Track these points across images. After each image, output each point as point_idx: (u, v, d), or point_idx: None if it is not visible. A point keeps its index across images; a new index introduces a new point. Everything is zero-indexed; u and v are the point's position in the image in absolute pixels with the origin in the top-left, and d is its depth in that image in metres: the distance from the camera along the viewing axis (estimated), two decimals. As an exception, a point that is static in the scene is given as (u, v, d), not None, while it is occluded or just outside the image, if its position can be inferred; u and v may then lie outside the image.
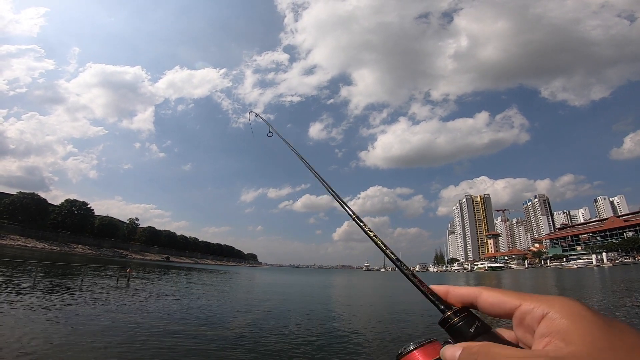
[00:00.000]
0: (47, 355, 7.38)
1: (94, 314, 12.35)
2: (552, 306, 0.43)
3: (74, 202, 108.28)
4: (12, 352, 7.37)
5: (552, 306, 0.43)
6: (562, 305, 0.43)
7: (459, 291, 0.58)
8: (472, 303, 0.56)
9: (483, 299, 0.54)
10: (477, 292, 0.56)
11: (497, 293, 0.53)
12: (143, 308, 14.87)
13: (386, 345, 10.16)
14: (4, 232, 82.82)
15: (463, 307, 0.56)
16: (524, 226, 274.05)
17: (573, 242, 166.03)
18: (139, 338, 9.34)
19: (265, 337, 10.47)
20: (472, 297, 0.56)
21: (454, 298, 0.58)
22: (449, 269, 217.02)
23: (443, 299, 0.59)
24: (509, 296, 0.51)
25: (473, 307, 0.56)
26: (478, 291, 0.56)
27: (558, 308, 0.43)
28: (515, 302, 0.49)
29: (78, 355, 7.62)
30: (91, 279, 25.15)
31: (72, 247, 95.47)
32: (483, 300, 0.54)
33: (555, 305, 0.43)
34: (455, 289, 0.59)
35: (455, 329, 0.54)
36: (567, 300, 0.44)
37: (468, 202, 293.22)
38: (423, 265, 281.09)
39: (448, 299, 0.59)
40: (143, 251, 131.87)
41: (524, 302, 0.47)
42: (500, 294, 0.52)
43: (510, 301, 0.49)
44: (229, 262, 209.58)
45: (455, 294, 0.58)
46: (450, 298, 0.59)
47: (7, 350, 7.50)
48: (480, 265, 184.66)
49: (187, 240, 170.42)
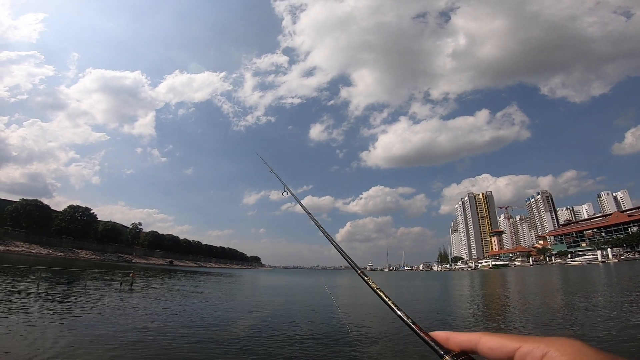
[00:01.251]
0: (51, 359, 7.32)
1: (97, 318, 12.30)
2: (552, 346, 0.44)
3: (76, 208, 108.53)
4: (18, 357, 7.32)
5: (551, 346, 0.45)
6: (560, 345, 0.44)
7: (460, 337, 0.59)
8: (472, 349, 0.56)
9: (483, 343, 0.55)
10: (477, 337, 0.56)
11: (496, 337, 0.54)
12: (146, 312, 14.81)
13: (391, 345, 10.04)
14: (8, 239, 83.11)
15: (462, 352, 0.57)
16: (527, 223, 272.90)
17: (577, 238, 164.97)
18: (142, 342, 9.28)
19: (269, 339, 10.38)
20: (473, 343, 0.56)
21: (454, 344, 0.59)
22: (453, 267, 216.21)
23: (443, 345, 0.60)
24: (509, 339, 0.51)
25: (474, 352, 0.57)
26: (478, 336, 0.56)
27: (557, 347, 0.44)
28: (515, 345, 0.49)
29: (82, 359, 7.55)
30: (95, 283, 25.14)
31: (77, 253, 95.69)
32: (483, 344, 0.55)
33: (554, 344, 0.44)
34: (455, 335, 0.60)
35: None
36: (567, 340, 0.45)
37: (470, 200, 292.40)
38: (427, 264, 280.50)
39: (449, 345, 0.59)
40: (147, 255, 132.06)
41: (524, 344, 0.48)
42: (500, 337, 0.53)
43: (511, 344, 0.50)
44: (232, 265, 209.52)
45: (456, 340, 0.59)
46: (450, 344, 0.60)
47: (13, 355, 7.46)
48: (485, 263, 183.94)
49: (190, 243, 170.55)
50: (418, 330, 0.65)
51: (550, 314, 15.64)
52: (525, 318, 14.68)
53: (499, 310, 18.39)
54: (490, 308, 19.89)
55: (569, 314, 15.27)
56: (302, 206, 2.15)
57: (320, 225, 1.68)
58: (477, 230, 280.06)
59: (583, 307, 16.94)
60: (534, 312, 16.39)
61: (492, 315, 16.99)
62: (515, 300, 22.67)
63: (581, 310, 16.02)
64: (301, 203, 2.25)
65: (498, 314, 17.22)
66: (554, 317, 14.64)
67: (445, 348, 0.59)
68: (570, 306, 17.93)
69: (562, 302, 20.14)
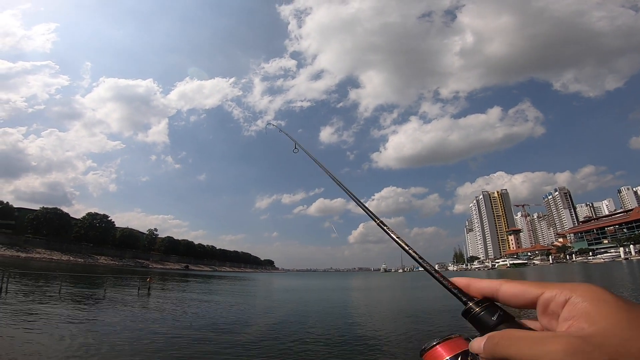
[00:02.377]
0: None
1: (117, 322, 12.46)
2: (575, 291, 0.45)
3: (95, 216, 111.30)
4: (43, 358, 7.46)
5: (574, 291, 0.45)
6: (584, 290, 0.44)
7: (480, 284, 0.59)
8: (494, 295, 0.56)
9: (504, 289, 0.55)
10: (498, 284, 0.56)
11: (518, 284, 0.54)
12: (164, 316, 14.96)
13: (410, 343, 9.84)
14: (29, 246, 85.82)
15: (484, 298, 0.58)
16: (545, 221, 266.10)
17: (599, 235, 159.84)
18: (159, 345, 9.35)
19: (284, 342, 10.31)
20: (494, 289, 0.56)
21: (475, 290, 0.60)
22: (469, 267, 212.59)
23: (465, 291, 0.61)
24: (531, 285, 0.51)
25: (495, 299, 0.57)
26: (499, 283, 0.56)
27: (580, 293, 0.44)
28: (537, 291, 0.49)
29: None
30: (114, 288, 25.62)
31: (96, 259, 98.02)
32: (504, 291, 0.55)
33: (577, 290, 0.45)
34: (476, 282, 0.60)
35: (478, 318, 0.55)
36: (590, 285, 0.45)
37: (485, 198, 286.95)
38: (442, 264, 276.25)
39: (470, 292, 0.60)
40: (163, 260, 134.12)
41: (547, 290, 0.48)
42: (521, 284, 0.53)
43: (532, 290, 0.50)
44: (246, 268, 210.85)
45: (476, 287, 0.60)
46: (471, 290, 0.60)
47: (38, 357, 7.60)
48: (502, 263, 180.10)
49: (205, 248, 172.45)
50: (441, 278, 0.65)
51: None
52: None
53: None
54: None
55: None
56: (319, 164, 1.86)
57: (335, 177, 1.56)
58: (493, 229, 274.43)
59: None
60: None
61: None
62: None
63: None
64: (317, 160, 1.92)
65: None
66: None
67: (468, 295, 0.59)
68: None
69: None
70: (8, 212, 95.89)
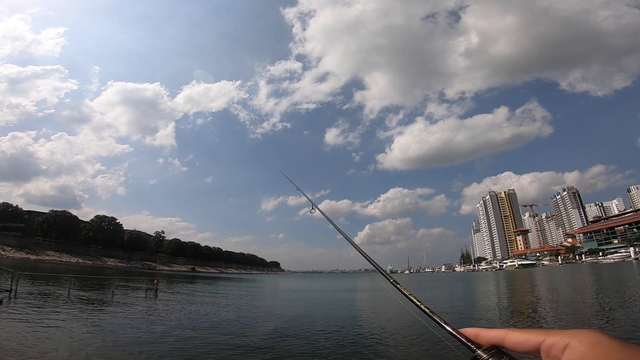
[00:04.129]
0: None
1: (124, 323, 12.59)
2: (574, 337, 0.49)
3: (103, 218, 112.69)
4: (52, 358, 7.57)
5: (573, 337, 0.49)
6: (582, 336, 0.49)
7: (488, 333, 0.64)
8: (500, 343, 0.61)
9: (510, 338, 0.60)
10: (504, 332, 0.61)
11: (522, 332, 0.59)
12: (170, 318, 15.07)
13: (414, 349, 9.79)
14: (39, 249, 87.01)
15: (492, 346, 0.62)
16: (554, 221, 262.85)
17: (609, 235, 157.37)
18: (166, 346, 9.42)
19: (291, 344, 10.32)
20: (500, 338, 0.61)
21: (483, 340, 0.65)
22: (476, 268, 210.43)
23: (474, 340, 0.66)
24: (534, 333, 0.57)
25: (502, 347, 0.61)
26: (505, 332, 0.61)
27: (578, 338, 0.49)
28: (540, 338, 0.54)
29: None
30: (121, 290, 25.84)
31: (104, 261, 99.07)
32: (509, 339, 0.59)
33: (576, 336, 0.49)
34: (484, 332, 0.66)
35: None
36: (588, 331, 0.50)
37: (492, 198, 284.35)
38: (449, 265, 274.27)
39: (479, 341, 0.65)
40: (170, 262, 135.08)
41: (548, 337, 0.53)
42: (525, 332, 0.58)
43: (535, 337, 0.55)
44: (252, 270, 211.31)
45: (485, 336, 0.65)
46: (480, 339, 0.65)
47: (47, 356, 7.71)
48: (510, 263, 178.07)
49: (212, 250, 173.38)
50: (450, 329, 0.70)
51: (600, 316, 14.93)
52: (574, 321, 14.06)
53: (539, 316, 17.69)
54: (525, 314, 19.18)
55: (621, 314, 14.53)
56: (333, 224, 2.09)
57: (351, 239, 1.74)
58: (501, 229, 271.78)
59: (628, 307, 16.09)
60: (583, 315, 15.68)
61: (530, 322, 16.36)
62: (557, 303, 21.78)
63: (624, 310, 15.21)
64: (332, 221, 2.15)
65: (538, 319, 16.56)
66: (605, 318, 13.95)
67: (476, 343, 0.63)
68: (621, 306, 17.06)
69: (617, 302, 19.22)
70: (18, 215, 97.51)
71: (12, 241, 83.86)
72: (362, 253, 1.34)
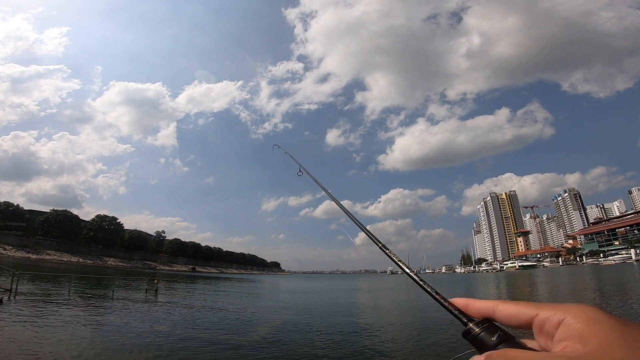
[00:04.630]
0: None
1: (124, 323, 12.64)
2: (569, 312, 0.46)
3: (104, 218, 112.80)
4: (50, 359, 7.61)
5: (568, 312, 0.46)
6: (577, 311, 0.45)
7: (478, 304, 0.61)
8: (490, 315, 0.58)
9: (500, 310, 0.56)
10: (494, 304, 0.58)
11: (514, 304, 0.55)
12: (170, 317, 15.12)
13: (413, 352, 9.82)
14: (40, 248, 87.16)
15: (484, 319, 0.58)
16: (555, 222, 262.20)
17: (610, 236, 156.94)
18: (166, 346, 9.46)
19: (291, 343, 10.35)
20: (490, 310, 0.58)
21: (474, 311, 0.61)
22: (477, 269, 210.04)
23: (464, 311, 0.62)
24: (526, 306, 0.52)
25: (492, 319, 0.58)
26: (495, 304, 0.58)
27: (574, 314, 0.45)
28: (532, 312, 0.50)
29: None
30: (122, 289, 25.92)
31: (105, 261, 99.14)
32: (500, 311, 0.56)
33: (571, 311, 0.46)
34: (474, 302, 0.62)
35: (478, 339, 0.55)
36: (583, 306, 0.46)
37: (493, 200, 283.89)
38: (449, 266, 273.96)
39: (469, 312, 0.61)
40: (170, 262, 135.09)
41: (541, 311, 0.49)
42: (517, 305, 0.54)
43: (528, 311, 0.51)
44: (252, 270, 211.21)
45: (475, 307, 0.61)
46: (470, 311, 0.61)
47: (46, 357, 7.75)
48: (511, 265, 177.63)
49: (212, 250, 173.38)
50: (442, 299, 0.67)
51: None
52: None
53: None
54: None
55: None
56: (324, 188, 1.94)
57: (353, 217, 1.55)
58: (502, 230, 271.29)
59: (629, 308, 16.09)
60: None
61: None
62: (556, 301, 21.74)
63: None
64: (323, 186, 2.05)
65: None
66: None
67: (468, 315, 0.61)
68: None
69: (617, 303, 19.18)
70: (19, 214, 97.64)
71: (13, 240, 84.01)
72: (357, 222, 1.27)
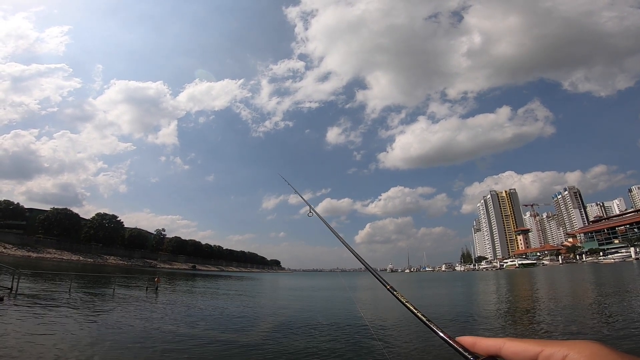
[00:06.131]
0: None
1: (125, 322, 12.68)
2: (572, 348, 0.47)
3: (104, 216, 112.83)
4: (50, 357, 7.63)
5: (572, 348, 0.47)
6: (581, 347, 0.47)
7: (485, 342, 0.62)
8: (497, 353, 0.59)
9: (507, 348, 0.57)
10: (501, 342, 0.59)
11: (519, 342, 0.57)
12: (170, 315, 15.16)
13: (411, 350, 9.85)
14: (40, 246, 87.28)
15: (489, 357, 0.60)
16: (555, 220, 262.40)
17: (610, 235, 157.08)
18: (166, 344, 9.49)
19: (291, 343, 10.39)
20: (497, 347, 0.59)
21: (480, 349, 0.62)
22: (476, 267, 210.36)
23: (470, 349, 0.63)
24: (531, 344, 0.54)
25: (499, 357, 0.59)
26: (502, 342, 0.59)
27: (577, 350, 0.46)
28: (537, 349, 0.52)
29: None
30: (122, 288, 25.98)
31: (105, 259, 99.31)
32: (507, 349, 0.57)
33: (575, 347, 0.47)
34: (481, 341, 0.63)
35: None
36: (587, 342, 0.48)
37: (493, 198, 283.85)
38: (449, 264, 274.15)
39: (475, 350, 0.63)
40: (171, 260, 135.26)
41: (546, 348, 0.51)
42: (522, 342, 0.56)
43: (533, 348, 0.53)
44: (252, 268, 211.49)
45: (482, 345, 0.62)
46: (477, 349, 0.63)
47: (46, 355, 7.78)
48: (510, 263, 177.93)
49: (212, 248, 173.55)
50: (446, 337, 0.68)
51: (599, 317, 14.96)
52: (570, 325, 14.09)
53: (538, 318, 17.72)
54: (522, 314, 19.21)
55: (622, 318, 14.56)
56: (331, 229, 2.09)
57: (353, 250, 1.79)
58: (502, 229, 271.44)
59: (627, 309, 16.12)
60: (581, 317, 15.72)
61: (529, 324, 16.40)
62: (555, 302, 21.82)
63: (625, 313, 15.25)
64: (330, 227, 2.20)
65: (535, 321, 16.60)
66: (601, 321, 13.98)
67: (473, 353, 0.61)
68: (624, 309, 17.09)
69: (617, 303, 19.24)
70: (19, 212, 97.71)
71: (14, 239, 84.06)
72: (360, 259, 1.28)
